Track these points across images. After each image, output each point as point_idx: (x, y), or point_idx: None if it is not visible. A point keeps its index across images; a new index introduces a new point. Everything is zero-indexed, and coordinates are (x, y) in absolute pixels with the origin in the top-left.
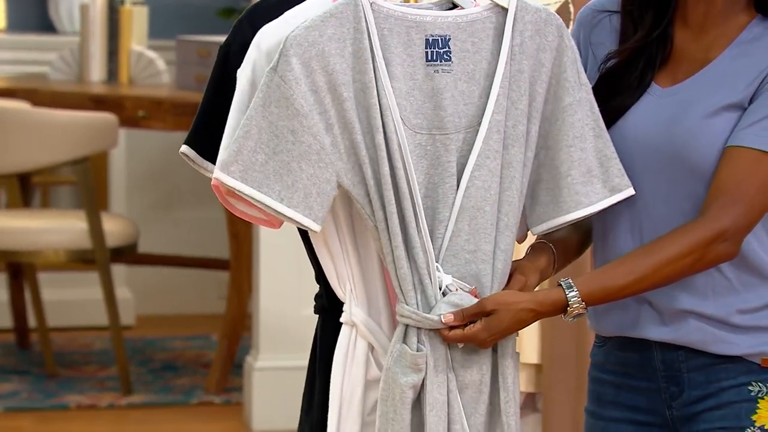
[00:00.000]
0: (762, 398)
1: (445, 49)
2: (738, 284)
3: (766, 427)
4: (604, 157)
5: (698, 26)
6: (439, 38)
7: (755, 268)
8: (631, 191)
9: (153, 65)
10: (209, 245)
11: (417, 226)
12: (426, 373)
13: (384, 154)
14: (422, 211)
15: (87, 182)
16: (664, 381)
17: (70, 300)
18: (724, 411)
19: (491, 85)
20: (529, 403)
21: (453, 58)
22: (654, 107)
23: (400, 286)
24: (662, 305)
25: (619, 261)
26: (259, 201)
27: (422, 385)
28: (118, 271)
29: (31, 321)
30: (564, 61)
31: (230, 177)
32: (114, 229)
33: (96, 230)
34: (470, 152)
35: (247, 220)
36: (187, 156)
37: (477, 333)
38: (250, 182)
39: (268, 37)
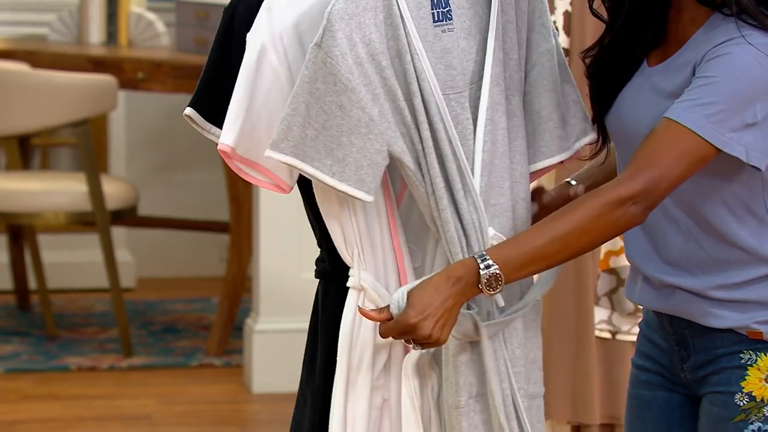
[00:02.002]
0: (751, 366)
1: (447, 9)
2: (722, 261)
3: (753, 393)
4: (572, 102)
5: (677, 5)
6: None
7: (737, 246)
8: (594, 135)
9: (152, 27)
10: (209, 208)
11: (464, 186)
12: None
13: (423, 118)
14: (468, 171)
15: (87, 144)
16: (675, 344)
17: (71, 262)
18: (720, 376)
19: (486, 38)
20: None
21: (453, 17)
22: (638, 87)
23: (449, 249)
24: (653, 278)
25: (534, 226)
26: (311, 175)
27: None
28: (119, 233)
29: (32, 283)
30: (538, 7)
31: (281, 153)
32: (114, 191)
33: (96, 192)
34: (477, 108)
35: (256, 184)
36: (191, 118)
37: (405, 317)
38: (300, 156)
39: (277, 1)
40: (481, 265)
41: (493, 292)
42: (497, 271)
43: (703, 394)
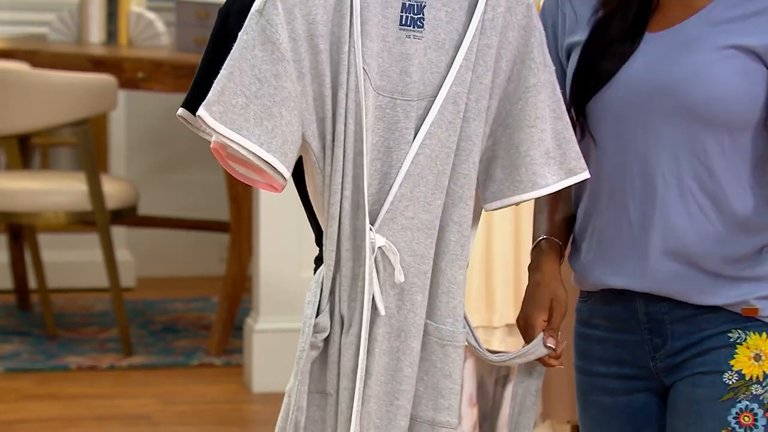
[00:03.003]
0: (740, 344)
1: (419, 16)
2: (724, 232)
3: (743, 372)
4: (563, 140)
5: None
6: (415, 4)
7: (740, 219)
8: (586, 175)
9: (152, 27)
10: (209, 207)
11: (359, 187)
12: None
13: (343, 111)
14: (367, 174)
15: (87, 144)
16: (647, 333)
17: (71, 261)
18: (704, 357)
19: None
20: None
21: (426, 26)
22: (647, 51)
23: (327, 243)
24: (649, 250)
25: None
26: (238, 144)
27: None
28: (119, 233)
29: (32, 282)
30: (531, 41)
31: (212, 117)
32: (114, 191)
33: (96, 192)
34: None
35: (247, 183)
36: (185, 119)
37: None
38: (228, 124)
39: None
40: None
41: None
42: None
43: (680, 378)
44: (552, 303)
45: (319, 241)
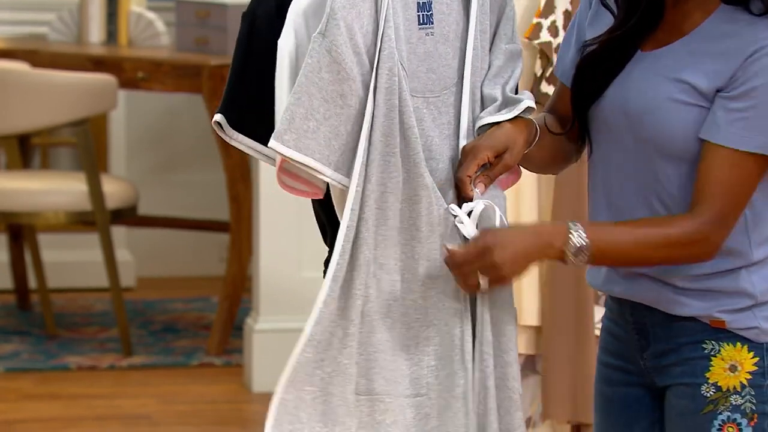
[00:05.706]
0: (714, 356)
1: (430, 12)
2: None
3: (719, 384)
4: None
5: None
6: (426, 2)
7: None
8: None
9: (152, 26)
10: (209, 207)
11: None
12: None
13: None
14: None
15: (86, 144)
16: (634, 332)
17: (71, 261)
18: (683, 367)
19: (461, 46)
20: (528, 365)
21: (434, 21)
22: (630, 71)
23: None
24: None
25: (626, 224)
26: (314, 169)
27: None
28: (119, 233)
29: (32, 282)
30: (504, 18)
31: (284, 146)
32: (114, 191)
33: (96, 192)
34: (454, 114)
35: (294, 194)
36: (219, 125)
37: (483, 239)
38: (303, 150)
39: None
40: (574, 232)
41: (574, 261)
42: (586, 242)
43: (666, 385)
44: (507, 147)
45: (327, 242)
